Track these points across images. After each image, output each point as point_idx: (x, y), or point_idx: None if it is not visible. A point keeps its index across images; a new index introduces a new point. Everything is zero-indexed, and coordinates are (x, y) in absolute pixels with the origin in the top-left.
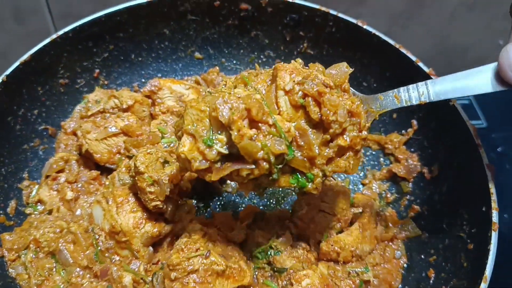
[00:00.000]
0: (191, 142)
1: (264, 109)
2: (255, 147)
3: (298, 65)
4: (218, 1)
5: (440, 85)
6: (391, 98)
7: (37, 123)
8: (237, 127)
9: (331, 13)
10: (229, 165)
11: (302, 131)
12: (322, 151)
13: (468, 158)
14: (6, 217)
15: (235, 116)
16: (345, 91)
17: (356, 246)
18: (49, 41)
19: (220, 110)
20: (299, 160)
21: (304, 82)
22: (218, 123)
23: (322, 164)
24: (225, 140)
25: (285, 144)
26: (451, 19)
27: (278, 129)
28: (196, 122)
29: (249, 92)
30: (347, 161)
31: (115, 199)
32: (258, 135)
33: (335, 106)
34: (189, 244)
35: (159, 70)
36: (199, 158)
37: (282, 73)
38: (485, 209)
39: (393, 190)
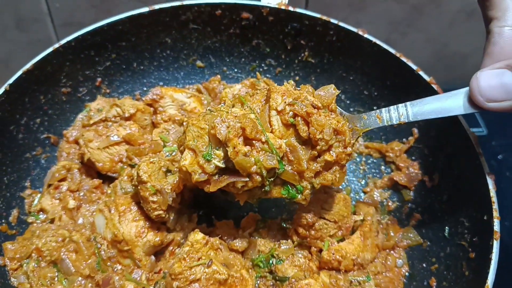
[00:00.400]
0: (192, 156)
1: (258, 127)
2: (249, 162)
3: (290, 87)
4: (220, 10)
5: (418, 107)
6: (374, 118)
7: (39, 131)
8: (232, 144)
9: (332, 22)
10: (225, 178)
11: (292, 147)
12: (311, 166)
13: (469, 167)
14: (8, 226)
15: (231, 135)
16: (332, 111)
17: (357, 254)
18: (51, 50)
19: (218, 128)
20: (289, 173)
21: (295, 103)
22: (216, 140)
23: (311, 177)
24: (222, 155)
25: (276, 159)
26: (451, 27)
27: (270, 145)
28: (197, 138)
29: (245, 111)
30: (334, 175)
31: (118, 208)
32: (252, 151)
33: (321, 125)
34: (191, 253)
35: (161, 79)
36: (198, 171)
37: (275, 95)
38: (487, 218)
39: (394, 198)
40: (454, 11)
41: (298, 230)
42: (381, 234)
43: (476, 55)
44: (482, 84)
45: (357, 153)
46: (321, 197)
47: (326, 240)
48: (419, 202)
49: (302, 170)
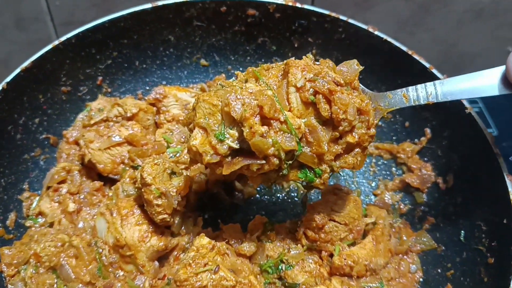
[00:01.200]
0: (203, 135)
1: (276, 106)
2: (266, 143)
3: (309, 61)
4: (225, 7)
5: (448, 86)
6: (400, 97)
7: (38, 132)
8: (249, 124)
9: (341, 19)
10: (240, 159)
11: (312, 128)
12: (331, 148)
13: (485, 168)
14: (5, 230)
15: (248, 114)
16: (354, 88)
17: (369, 259)
18: (51, 48)
19: (232, 105)
20: (308, 155)
21: (315, 79)
22: (230, 118)
23: (330, 160)
24: (236, 135)
25: (295, 141)
26: (459, 26)
27: (289, 126)
28: (208, 116)
29: (260, 87)
30: (355, 158)
31: (120, 211)
32: (269, 132)
33: (345, 105)
34: (197, 259)
35: (164, 78)
36: (210, 152)
37: (294, 70)
38: (507, 222)
39: (406, 201)
40: (461, 11)
41: (307, 233)
42: (393, 238)
43: (484, 55)
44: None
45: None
46: (331, 198)
47: (337, 245)
48: (433, 205)
49: (322, 153)
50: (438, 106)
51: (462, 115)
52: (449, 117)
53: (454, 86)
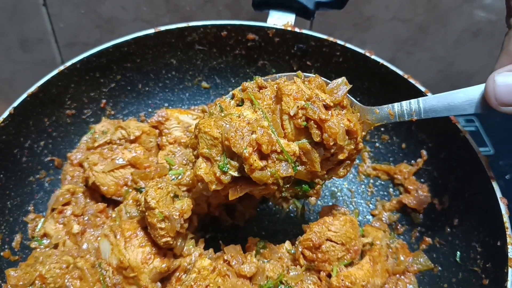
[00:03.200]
0: (207, 164)
1: (273, 140)
2: (266, 176)
3: (300, 83)
4: (225, 32)
5: (430, 103)
6: (386, 113)
7: (43, 154)
8: (249, 162)
9: (339, 43)
10: (242, 187)
11: (306, 150)
12: (323, 166)
13: (480, 190)
14: (11, 251)
15: (247, 153)
16: (343, 107)
17: (367, 280)
18: (56, 73)
19: (232, 141)
20: (303, 173)
21: (307, 107)
22: (231, 151)
23: (323, 175)
24: (237, 165)
25: (291, 167)
26: (456, 46)
27: (285, 155)
28: (210, 147)
29: (256, 115)
30: (345, 169)
31: (123, 233)
32: (267, 163)
33: (334, 133)
34: (199, 280)
35: (166, 100)
36: (215, 182)
37: (287, 98)
38: (500, 244)
39: (403, 222)
40: (459, 31)
41: (305, 252)
42: (390, 258)
43: (481, 74)
44: (498, 88)
45: (365, 175)
46: (328, 219)
47: (334, 265)
48: (429, 226)
49: (315, 171)
50: (434, 129)
51: (457, 138)
52: (445, 139)
53: (436, 104)
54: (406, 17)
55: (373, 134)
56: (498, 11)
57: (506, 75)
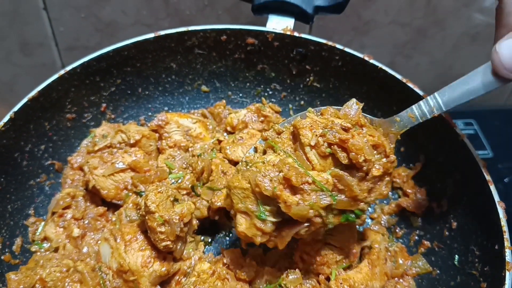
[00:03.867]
0: (246, 219)
1: (300, 172)
2: (305, 210)
3: (313, 116)
4: (225, 36)
5: (447, 95)
6: (407, 118)
7: (43, 158)
8: (283, 200)
9: (338, 48)
10: (287, 231)
11: (339, 177)
12: (362, 186)
13: (478, 194)
14: (12, 255)
15: (278, 191)
16: (362, 126)
17: (366, 283)
18: (57, 77)
19: (262, 185)
20: (344, 202)
21: (326, 133)
22: (263, 196)
23: (365, 197)
24: (274, 209)
25: (329, 195)
26: (455, 50)
27: (318, 184)
28: (244, 199)
29: (280, 156)
30: (387, 187)
31: (124, 237)
32: (303, 197)
33: (360, 149)
34: (198, 284)
35: (166, 104)
36: (259, 234)
37: (303, 131)
38: (498, 248)
39: (402, 225)
40: (458, 34)
41: (304, 256)
42: (389, 261)
43: None
44: (503, 56)
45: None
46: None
47: (333, 269)
48: (428, 229)
49: (355, 195)
50: (433, 133)
51: (455, 141)
52: (443, 143)
53: (453, 93)
54: (405, 21)
55: None
56: None
57: (506, 41)
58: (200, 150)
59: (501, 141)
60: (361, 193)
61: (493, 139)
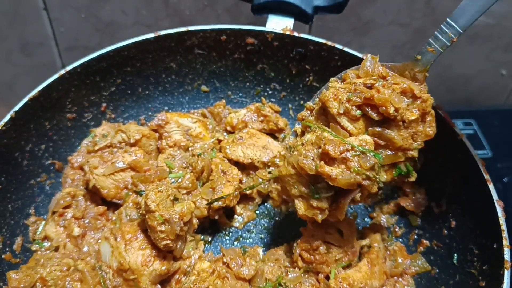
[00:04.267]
0: (303, 202)
1: (337, 142)
2: (351, 178)
3: (336, 84)
4: (225, 36)
5: (460, 18)
6: (427, 53)
7: (44, 158)
8: (326, 175)
9: (337, 47)
10: (342, 202)
11: (377, 134)
12: (403, 135)
13: (476, 193)
14: (13, 254)
15: (320, 168)
16: (384, 77)
17: (365, 282)
18: (57, 77)
19: (306, 166)
20: (391, 156)
21: (350, 98)
22: (311, 176)
23: (411, 144)
24: (325, 184)
25: (372, 155)
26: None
27: (357, 148)
28: (296, 184)
29: (317, 133)
30: (431, 126)
31: (124, 236)
32: (347, 164)
33: (387, 100)
34: (198, 283)
35: (166, 103)
36: (318, 212)
37: (330, 103)
38: (497, 246)
39: (401, 224)
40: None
41: (303, 255)
42: (388, 260)
43: (478, 77)
44: None
45: None
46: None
47: (332, 268)
48: (427, 228)
49: (399, 146)
50: None
51: (454, 141)
52: (442, 142)
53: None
54: (404, 22)
55: None
56: (496, 15)
57: None
58: (200, 149)
59: (501, 141)
60: (404, 141)
61: (493, 139)
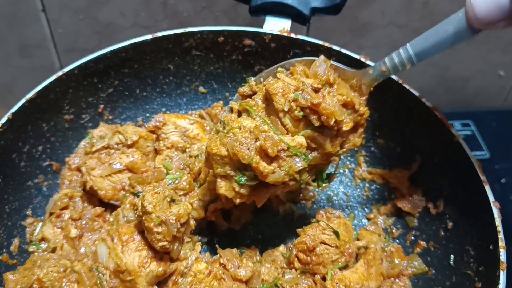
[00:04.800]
0: (226, 182)
1: (276, 141)
2: (280, 177)
3: (284, 78)
4: (222, 37)
5: (418, 45)
6: (379, 71)
7: (41, 159)
8: (259, 170)
9: (334, 49)
10: (264, 192)
11: (312, 137)
12: (334, 142)
13: (473, 194)
14: (9, 255)
15: (255, 163)
16: (331, 84)
17: (361, 283)
18: (54, 78)
19: (240, 154)
20: (318, 158)
21: (297, 98)
22: (242, 164)
23: (337, 151)
24: (252, 174)
25: (303, 159)
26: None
27: (292, 149)
28: (223, 165)
29: (256, 122)
30: (360, 137)
31: (121, 237)
32: (279, 163)
33: (331, 113)
34: (194, 284)
35: (164, 105)
36: (237, 196)
37: (276, 97)
38: (493, 248)
39: (398, 225)
40: None
41: (299, 255)
42: (385, 261)
43: (476, 79)
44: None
45: (360, 179)
46: (321, 222)
47: (329, 269)
48: (424, 229)
49: (328, 152)
50: (428, 133)
51: (451, 142)
52: (439, 144)
53: (425, 44)
54: (402, 23)
55: (368, 139)
56: None
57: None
58: (198, 151)
59: (498, 142)
60: (333, 147)
61: (490, 140)
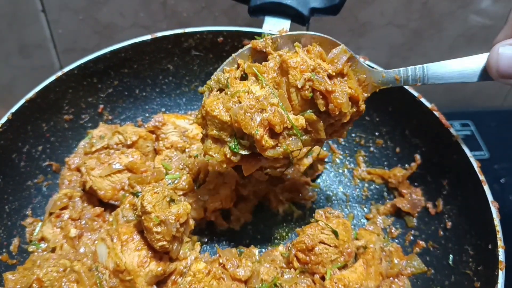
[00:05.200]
0: (217, 146)
1: (284, 117)
2: (277, 153)
3: (304, 55)
4: (222, 38)
5: (435, 70)
6: (392, 77)
7: (41, 159)
8: (260, 143)
9: None
10: (254, 163)
11: (312, 120)
12: (326, 131)
13: (472, 194)
14: (9, 255)
15: (259, 136)
16: (344, 75)
17: (360, 283)
18: (54, 78)
19: (243, 123)
20: (308, 141)
21: (313, 79)
22: (241, 132)
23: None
24: (248, 143)
25: (300, 140)
26: (451, 51)
27: (295, 130)
28: (220, 129)
29: (265, 92)
30: (346, 132)
31: (120, 237)
32: (279, 140)
33: (340, 104)
34: (194, 284)
35: (163, 105)
36: (225, 161)
37: (293, 71)
38: (491, 247)
39: (397, 225)
40: (454, 36)
41: (298, 255)
42: (384, 261)
43: None
44: (501, 60)
45: (360, 179)
46: (320, 221)
47: (328, 268)
48: (423, 229)
49: (320, 139)
50: (428, 134)
51: (450, 142)
52: (438, 144)
53: (441, 70)
54: (401, 23)
55: (367, 139)
56: (493, 16)
57: (510, 48)
58: (197, 151)
59: (498, 142)
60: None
61: (490, 140)
